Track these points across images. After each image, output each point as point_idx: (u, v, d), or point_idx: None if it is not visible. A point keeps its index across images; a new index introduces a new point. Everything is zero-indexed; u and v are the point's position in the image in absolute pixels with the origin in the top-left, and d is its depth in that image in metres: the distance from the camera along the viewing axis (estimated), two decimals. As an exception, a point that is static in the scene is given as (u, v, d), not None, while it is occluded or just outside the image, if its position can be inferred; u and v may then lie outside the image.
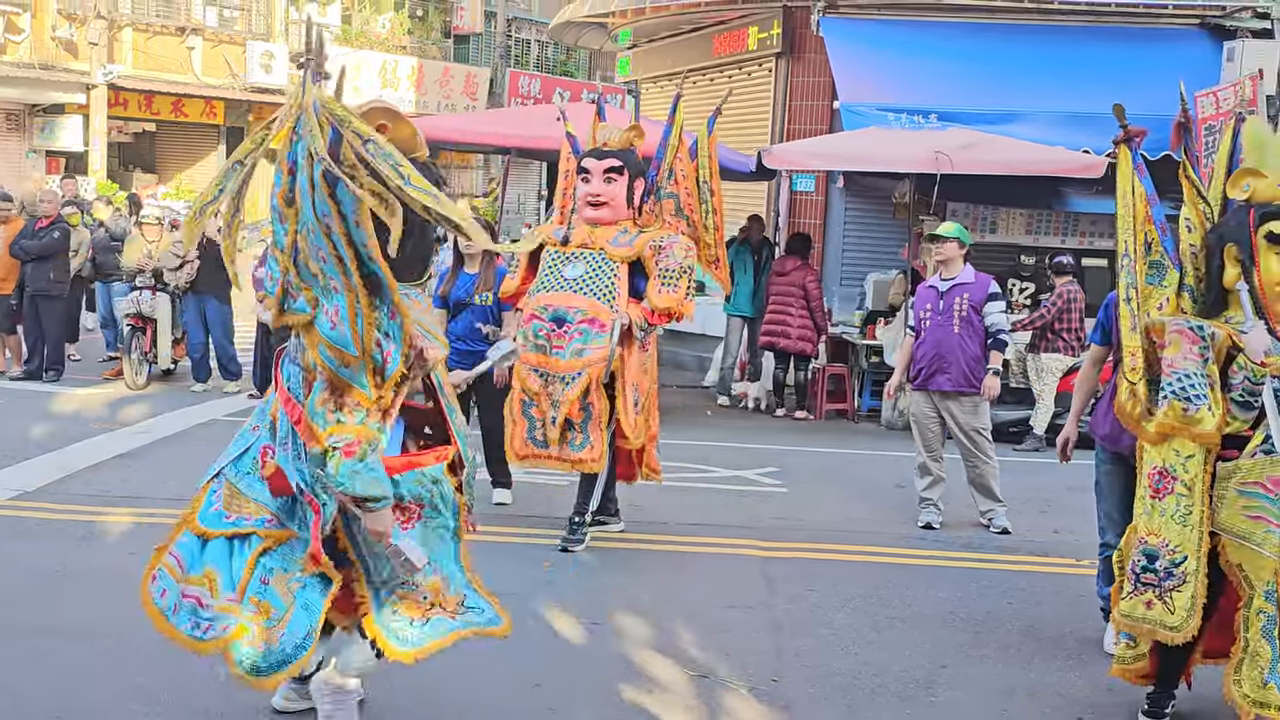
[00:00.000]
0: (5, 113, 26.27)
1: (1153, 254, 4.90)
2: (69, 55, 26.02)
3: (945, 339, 7.99)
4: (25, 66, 25.23)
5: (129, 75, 26.90)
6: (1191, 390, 4.54)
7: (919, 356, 8.14)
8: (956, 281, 8.06)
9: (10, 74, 24.89)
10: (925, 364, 8.08)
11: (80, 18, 25.93)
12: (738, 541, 7.60)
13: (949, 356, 7.99)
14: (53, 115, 26.44)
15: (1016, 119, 12.61)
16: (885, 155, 11.82)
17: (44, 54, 25.60)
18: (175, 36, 28.20)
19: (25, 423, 10.16)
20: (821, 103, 14.72)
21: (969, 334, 7.98)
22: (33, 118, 26.53)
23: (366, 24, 32.19)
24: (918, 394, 8.26)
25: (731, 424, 11.89)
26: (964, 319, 7.97)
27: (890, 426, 11.98)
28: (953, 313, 8.01)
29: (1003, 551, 7.70)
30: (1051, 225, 12.47)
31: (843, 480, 9.67)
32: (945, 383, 8.03)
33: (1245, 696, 4.41)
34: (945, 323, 8.01)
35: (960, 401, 8.07)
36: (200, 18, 28.57)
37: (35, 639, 5.34)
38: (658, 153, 7.41)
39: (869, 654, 5.72)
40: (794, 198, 15.08)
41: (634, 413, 6.99)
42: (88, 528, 7.21)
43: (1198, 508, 4.53)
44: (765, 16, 15.50)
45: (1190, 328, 4.62)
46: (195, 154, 30.47)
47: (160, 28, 27.95)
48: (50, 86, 25.67)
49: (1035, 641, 6.03)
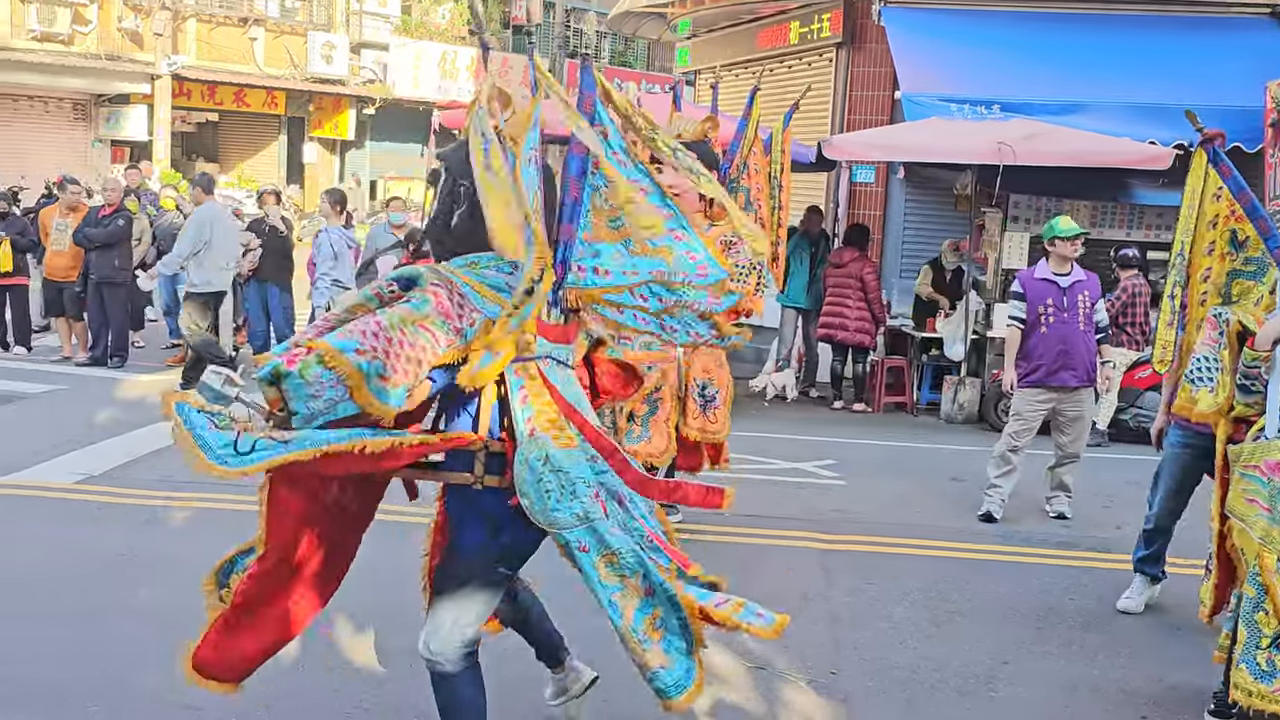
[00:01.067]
0: (72, 103, 26.72)
1: (1249, 249, 4.92)
2: (134, 46, 26.42)
3: (1071, 335, 8.01)
4: (92, 57, 25.66)
5: (192, 66, 27.27)
6: (1197, 373, 4.94)
7: (1040, 352, 8.04)
8: (1076, 278, 8.07)
9: (77, 64, 25.33)
10: (1049, 360, 8.03)
11: (145, 9, 26.30)
12: (795, 533, 7.57)
13: (1075, 353, 8.01)
14: (118, 105, 26.85)
15: (1081, 109, 12.44)
16: (947, 146, 11.70)
17: (110, 45, 26.01)
18: (238, 27, 28.54)
19: (91, 408, 10.31)
20: (882, 93, 14.61)
21: (1090, 330, 8.07)
22: (99, 108, 26.98)
23: (426, 15, 32.38)
24: (1032, 389, 8.15)
25: (789, 416, 11.84)
26: (1086, 315, 8.04)
27: (950, 420, 11.88)
28: (1077, 309, 8.03)
29: (1064, 546, 7.61)
30: (1116, 218, 12.28)
31: (901, 473, 9.60)
32: (1071, 379, 8.05)
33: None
34: (1071, 319, 8.03)
35: (1078, 394, 8.12)
36: (262, 9, 28.90)
37: (100, 621, 5.43)
38: (732, 145, 7.36)
39: (928, 648, 5.67)
40: (853, 189, 14.99)
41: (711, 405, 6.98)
42: (151, 512, 7.31)
43: (1215, 492, 4.81)
44: (824, 7, 15.40)
45: (1213, 314, 4.91)
46: (256, 143, 30.83)
47: (223, 19, 28.30)
48: (116, 77, 26.08)
49: (1098, 637, 5.95)
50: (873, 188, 14.87)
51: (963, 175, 12.68)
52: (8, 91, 25.30)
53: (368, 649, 5.20)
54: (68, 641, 5.18)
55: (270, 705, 4.57)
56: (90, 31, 25.79)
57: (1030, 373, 8.13)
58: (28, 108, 26.04)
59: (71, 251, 12.47)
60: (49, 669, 4.87)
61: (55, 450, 8.65)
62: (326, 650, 5.18)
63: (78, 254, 12.47)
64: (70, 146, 25.95)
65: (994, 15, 13.92)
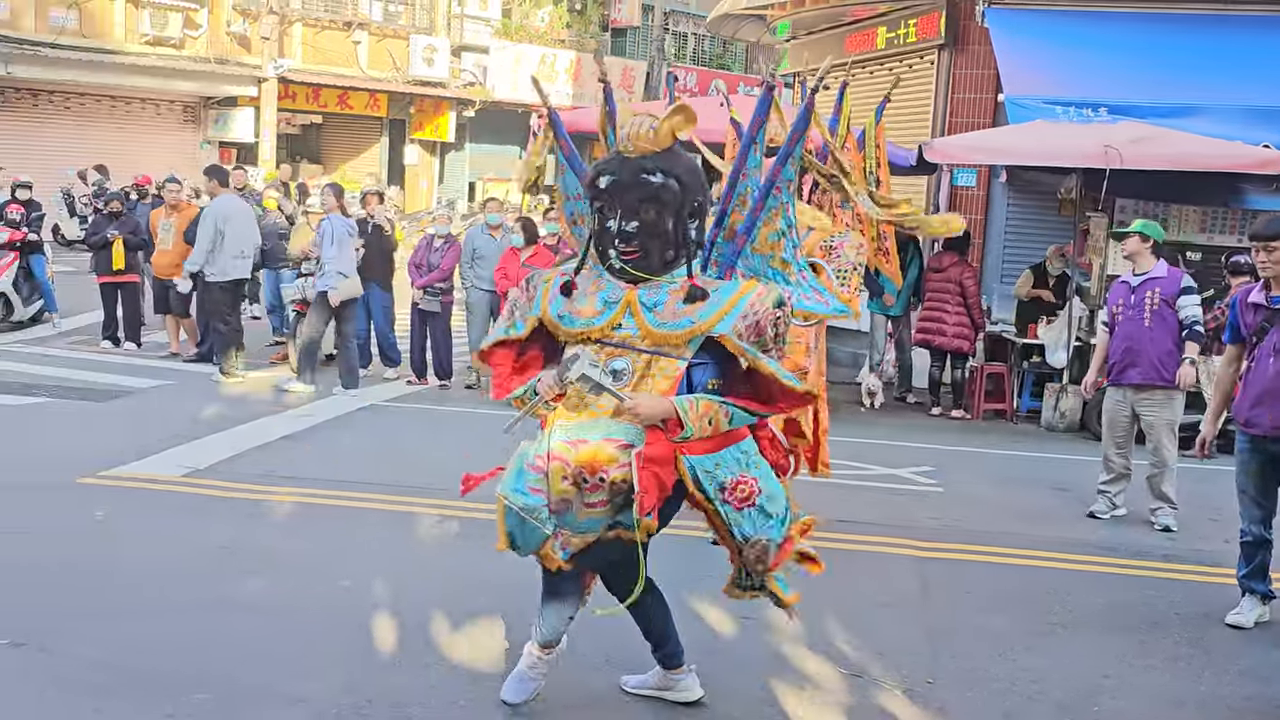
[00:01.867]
0: (182, 105, 27.40)
1: None
2: (242, 50, 27.00)
3: (1135, 332, 8.06)
4: (201, 61, 26.30)
5: (298, 69, 27.79)
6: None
7: (1112, 351, 8.22)
8: (1148, 276, 8.11)
9: (188, 68, 25.97)
10: (1117, 358, 8.17)
11: (254, 13, 26.86)
12: (892, 540, 7.49)
13: (1139, 350, 8.05)
14: (226, 107, 27.47)
15: (1191, 112, 12.14)
16: (1051, 149, 11.49)
17: (219, 49, 26.63)
18: (342, 31, 29.01)
19: (197, 403, 10.54)
20: (985, 96, 14.41)
21: (1160, 327, 8.02)
22: (207, 110, 27.62)
23: (526, 18, 32.61)
24: (1111, 389, 8.31)
25: (886, 421, 11.72)
26: (1155, 312, 8.03)
27: (1050, 428, 11.68)
28: (1144, 306, 8.06)
29: (1169, 559, 7.43)
30: (1227, 224, 11.95)
31: (1000, 481, 9.45)
32: (1135, 376, 8.09)
33: None
34: (1136, 316, 8.08)
35: (1151, 395, 8.11)
36: (366, 12, 29.34)
37: (205, 612, 5.54)
38: (824, 145, 7.30)
39: (1028, 660, 5.57)
40: (954, 192, 14.80)
41: None
42: (254, 506, 7.45)
43: None
44: (926, 8, 15.24)
45: None
46: (359, 145, 31.30)
47: (328, 22, 28.79)
48: (224, 80, 26.68)
49: (1205, 654, 5.80)
50: (974, 191, 14.67)
51: (1067, 179, 12.45)
52: (121, 94, 26.02)
53: (464, 647, 5.25)
54: (174, 632, 5.29)
55: (372, 700, 4.63)
56: (200, 36, 26.42)
57: (1108, 373, 8.30)
58: (140, 110, 26.74)
59: (176, 250, 12.73)
60: (156, 659, 4.98)
61: (162, 444, 8.85)
62: (424, 648, 5.24)
63: (183, 252, 12.72)
64: (179, 148, 26.59)
65: (1100, 16, 13.66)
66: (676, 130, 4.04)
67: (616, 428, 3.97)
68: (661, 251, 4.10)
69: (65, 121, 25.62)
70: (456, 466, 4.83)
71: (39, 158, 22.97)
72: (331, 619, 5.53)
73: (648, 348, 4.03)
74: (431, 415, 10.89)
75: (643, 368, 4.03)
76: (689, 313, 4.02)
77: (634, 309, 4.06)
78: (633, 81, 32.50)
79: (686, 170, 4.09)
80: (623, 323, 4.05)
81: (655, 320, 4.03)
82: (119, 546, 6.48)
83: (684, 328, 4.00)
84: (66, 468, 7.98)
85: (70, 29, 24.42)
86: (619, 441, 3.95)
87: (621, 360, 4.03)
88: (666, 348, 4.03)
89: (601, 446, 3.95)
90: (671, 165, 4.05)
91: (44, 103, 25.32)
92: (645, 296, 4.07)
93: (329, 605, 5.72)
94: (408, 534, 7.01)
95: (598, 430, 3.98)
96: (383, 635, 5.35)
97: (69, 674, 4.79)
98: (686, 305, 4.03)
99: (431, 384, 12.15)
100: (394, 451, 9.31)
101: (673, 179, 4.02)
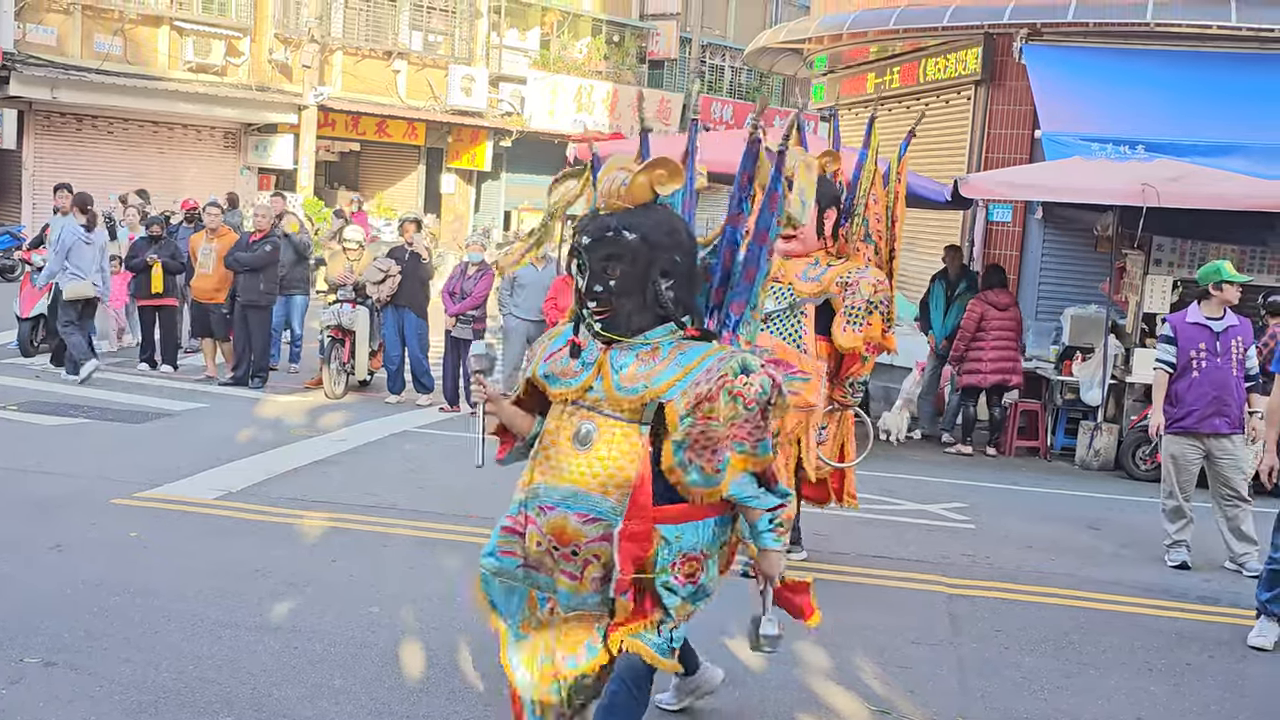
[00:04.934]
0: (223, 131, 27.71)
1: None
2: (283, 77, 27.32)
3: (1225, 381, 7.90)
4: (243, 88, 26.63)
5: (338, 97, 28.07)
6: None
7: (1191, 398, 7.93)
8: (1230, 323, 7.95)
9: (229, 95, 26.30)
10: (1201, 406, 7.92)
11: (295, 42, 27.19)
12: (923, 576, 7.44)
13: (1228, 400, 7.90)
14: (266, 134, 27.76)
15: (1230, 151, 12.08)
16: (1088, 186, 11.44)
17: (260, 76, 26.96)
18: (382, 60, 29.31)
19: (231, 427, 10.62)
20: (1022, 131, 14.39)
21: (1242, 377, 7.94)
22: (248, 136, 27.92)
23: (564, 49, 32.84)
24: (1183, 436, 8.04)
25: (919, 457, 11.66)
26: (1239, 361, 7.91)
27: (1085, 466, 11.60)
28: (1231, 354, 7.90)
29: (1204, 602, 7.35)
30: (1266, 263, 11.84)
31: (1034, 519, 9.38)
32: (1223, 425, 7.93)
33: None
34: (1224, 365, 7.91)
35: (1234, 441, 7.98)
36: (406, 42, 29.65)
37: (233, 634, 5.56)
38: (853, 176, 7.30)
39: (1059, 699, 5.52)
40: (990, 228, 14.76)
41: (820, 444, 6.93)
42: (287, 530, 7.49)
43: None
44: (963, 44, 15.25)
45: None
46: (396, 174, 31.56)
47: (369, 51, 29.10)
48: (265, 107, 26.99)
49: (1239, 699, 5.73)
50: (1009, 227, 14.62)
51: (1104, 216, 12.39)
52: (163, 119, 26.33)
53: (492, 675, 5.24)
54: (204, 653, 5.32)
55: None
56: (242, 63, 26.76)
57: (1181, 419, 7.99)
58: (181, 135, 27.05)
59: (217, 274, 12.88)
60: (186, 678, 5.01)
61: (196, 467, 8.92)
62: (451, 674, 5.25)
63: (223, 277, 12.87)
64: (220, 173, 26.87)
65: (1138, 54, 13.61)
66: (656, 185, 3.82)
67: (582, 499, 3.81)
68: (630, 312, 3.84)
69: (108, 145, 25.95)
70: (486, 494, 4.85)
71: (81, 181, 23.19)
72: (360, 643, 5.54)
73: (610, 411, 3.84)
74: (463, 442, 10.90)
75: (608, 432, 3.83)
76: (645, 377, 3.80)
77: (604, 371, 3.86)
78: (669, 113, 32.65)
79: (657, 226, 3.80)
80: (594, 385, 3.86)
81: (617, 383, 3.83)
82: (152, 567, 6.52)
83: (636, 393, 3.80)
84: (102, 489, 8.06)
85: (115, 55, 24.79)
86: (585, 516, 3.79)
87: (589, 423, 3.85)
88: (624, 413, 3.82)
89: (568, 518, 3.81)
90: (639, 222, 3.79)
91: (88, 127, 25.66)
92: (615, 358, 3.85)
93: (358, 629, 5.73)
94: (437, 560, 7.02)
95: (565, 499, 3.83)
96: (410, 661, 5.36)
97: (99, 693, 4.82)
98: (644, 370, 3.81)
99: (464, 411, 12.19)
100: (425, 477, 9.34)
101: (637, 235, 3.76)
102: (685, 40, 34.84)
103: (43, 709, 4.64)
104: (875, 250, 7.28)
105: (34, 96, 23.95)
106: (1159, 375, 8.07)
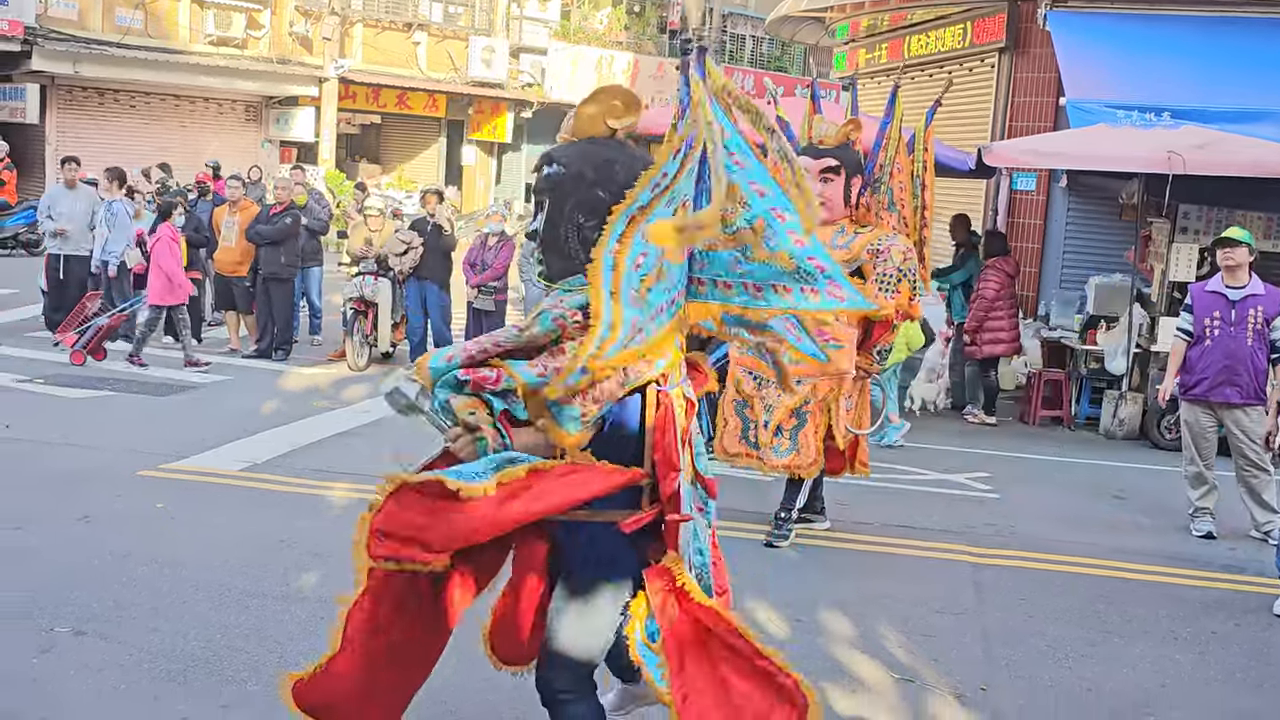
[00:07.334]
0: (245, 104, 27.76)
1: None
2: (304, 50, 27.32)
3: (1238, 350, 7.83)
4: (264, 61, 26.67)
5: (358, 69, 28.08)
6: None
7: (1202, 366, 7.93)
8: (1249, 292, 7.87)
9: (250, 68, 26.34)
10: (1212, 374, 7.90)
11: (316, 14, 27.18)
12: (947, 546, 7.43)
13: (1240, 369, 7.84)
14: (287, 107, 27.80)
15: (1258, 118, 11.94)
16: (1113, 154, 11.34)
17: (281, 49, 26.97)
18: (402, 32, 29.26)
19: (255, 399, 10.66)
20: (1046, 99, 14.28)
21: (1261, 348, 7.82)
22: (269, 109, 27.97)
23: (585, 20, 32.74)
24: (1195, 404, 8.05)
25: (942, 427, 11.63)
26: (1257, 332, 7.81)
27: (1109, 435, 11.55)
28: (1246, 324, 7.83)
29: (1229, 571, 7.33)
30: (1294, 230, 11.75)
31: (1058, 488, 9.36)
32: (1234, 395, 7.88)
33: None
34: (1238, 334, 7.84)
35: (1247, 413, 7.91)
36: (426, 14, 29.59)
37: (259, 604, 5.60)
38: (874, 145, 7.27)
39: (1083, 668, 5.51)
40: (1014, 197, 14.67)
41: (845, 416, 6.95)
42: (311, 501, 7.53)
43: None
44: (986, 11, 15.11)
45: None
46: (417, 146, 31.56)
47: (389, 23, 29.06)
48: (286, 80, 27.02)
49: (1265, 667, 5.71)
50: (1034, 196, 14.53)
51: (1129, 184, 12.31)
52: (185, 93, 26.40)
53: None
54: (231, 623, 5.36)
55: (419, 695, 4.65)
56: (263, 36, 26.77)
57: (1192, 386, 7.99)
58: (203, 108, 27.12)
59: (239, 247, 12.91)
60: (214, 647, 5.05)
61: (221, 439, 8.96)
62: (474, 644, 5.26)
63: (246, 250, 12.91)
64: (241, 146, 26.94)
65: (1163, 19, 13.47)
66: (609, 117, 3.38)
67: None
68: (553, 253, 3.50)
69: (130, 119, 26.04)
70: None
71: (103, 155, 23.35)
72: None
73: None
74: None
75: None
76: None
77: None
78: (689, 83, 32.48)
79: (586, 158, 3.34)
80: None
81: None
82: (178, 538, 6.57)
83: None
84: (128, 461, 8.11)
85: (136, 29, 24.83)
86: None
87: None
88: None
89: None
90: (570, 153, 3.38)
91: (109, 101, 25.74)
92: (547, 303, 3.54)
93: (383, 600, 5.75)
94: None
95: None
96: (436, 630, 5.37)
97: (128, 662, 4.86)
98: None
99: (486, 382, 12.19)
100: (449, 449, 9.35)
101: (561, 167, 3.36)
102: (707, 9, 34.65)
103: (73, 677, 4.69)
104: (899, 218, 7.26)
105: (56, 71, 24.04)
106: (1176, 343, 8.11)
